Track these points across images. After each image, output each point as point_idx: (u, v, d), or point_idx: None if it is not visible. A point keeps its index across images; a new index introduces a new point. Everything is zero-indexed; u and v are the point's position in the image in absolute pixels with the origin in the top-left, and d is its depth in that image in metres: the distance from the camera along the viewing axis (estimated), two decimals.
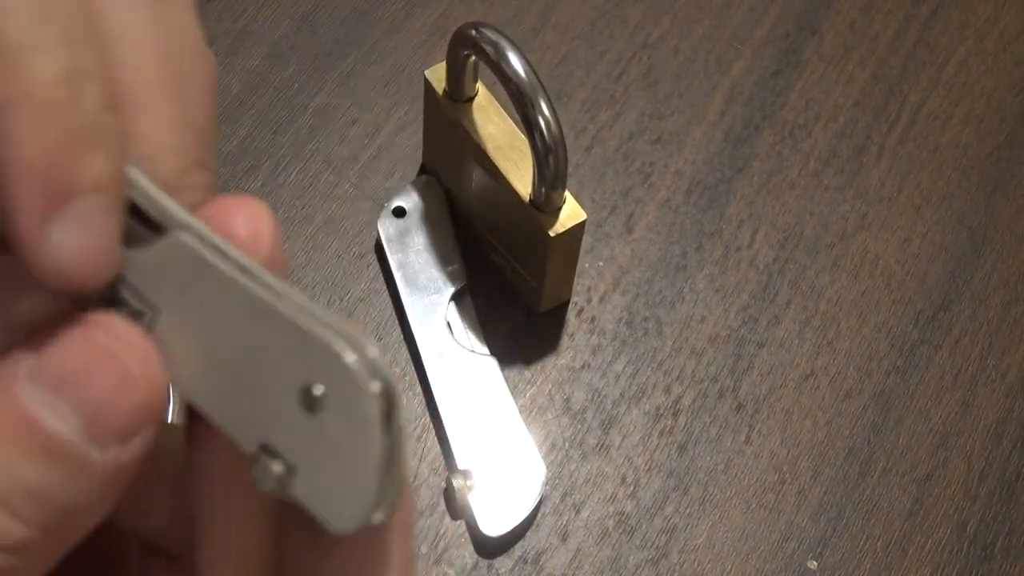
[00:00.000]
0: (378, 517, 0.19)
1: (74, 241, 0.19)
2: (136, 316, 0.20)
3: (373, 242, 0.44)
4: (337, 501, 0.19)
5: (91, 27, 0.20)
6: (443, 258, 0.43)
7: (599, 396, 0.42)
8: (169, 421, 0.25)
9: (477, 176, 0.41)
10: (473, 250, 0.44)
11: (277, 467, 0.19)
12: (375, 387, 0.18)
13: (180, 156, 0.21)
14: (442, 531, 0.39)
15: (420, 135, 0.45)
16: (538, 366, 0.42)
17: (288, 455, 0.19)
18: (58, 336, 0.19)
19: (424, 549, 0.39)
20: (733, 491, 0.41)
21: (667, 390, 0.42)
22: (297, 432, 0.19)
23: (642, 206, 0.46)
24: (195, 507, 0.22)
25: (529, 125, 0.37)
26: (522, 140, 0.39)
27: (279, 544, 0.22)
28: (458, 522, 0.39)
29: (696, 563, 0.39)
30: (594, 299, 0.44)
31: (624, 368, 0.42)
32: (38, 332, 0.20)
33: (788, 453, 0.41)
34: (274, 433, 0.20)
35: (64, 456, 0.19)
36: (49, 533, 0.19)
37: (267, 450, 0.20)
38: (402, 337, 0.42)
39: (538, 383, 0.42)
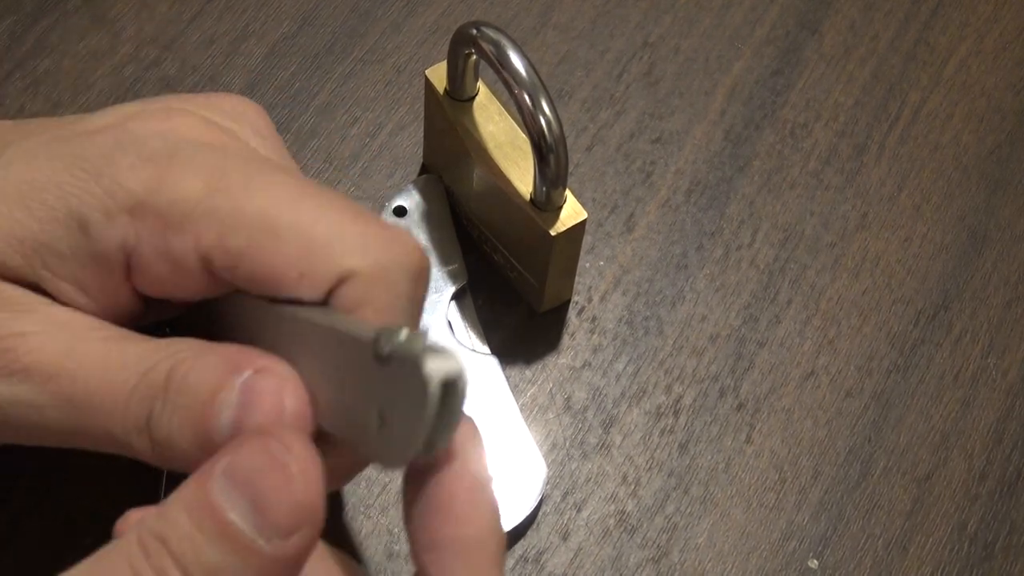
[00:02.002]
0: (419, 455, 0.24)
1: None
2: None
3: None
4: (412, 442, 0.24)
5: None
6: (444, 257, 0.43)
7: (600, 395, 0.42)
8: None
9: (478, 175, 0.41)
10: (474, 249, 0.44)
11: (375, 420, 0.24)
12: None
13: None
14: None
15: (421, 134, 0.45)
16: (539, 365, 0.42)
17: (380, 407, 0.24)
18: (246, 441, 0.24)
19: None
20: (734, 490, 0.41)
21: (668, 389, 0.42)
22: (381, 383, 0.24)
23: (643, 205, 0.46)
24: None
25: (530, 124, 0.37)
26: (523, 139, 0.39)
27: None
28: None
29: (697, 562, 0.39)
30: (595, 298, 0.44)
31: (625, 367, 0.42)
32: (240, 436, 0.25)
33: (789, 452, 0.41)
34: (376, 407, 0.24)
35: (237, 542, 0.23)
36: None
37: (382, 419, 0.24)
38: None
39: (539, 382, 0.42)
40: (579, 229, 0.39)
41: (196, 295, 0.29)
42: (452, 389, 0.23)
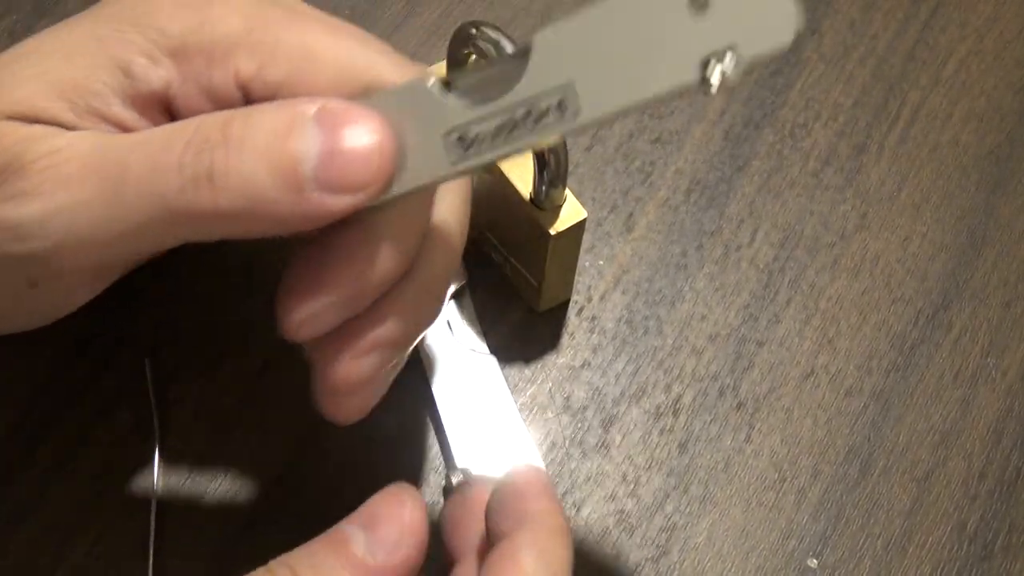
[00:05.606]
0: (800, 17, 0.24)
1: None
2: (560, 106, 0.25)
3: None
4: (771, 27, 0.24)
5: None
6: None
7: (599, 395, 0.42)
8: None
9: (477, 174, 0.41)
10: (473, 248, 0.44)
11: (727, 60, 0.24)
12: None
13: None
14: None
15: None
16: (538, 365, 0.42)
17: (721, 46, 0.24)
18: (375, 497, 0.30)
19: None
20: (733, 489, 0.41)
21: (667, 389, 0.42)
22: (706, 31, 0.24)
23: (642, 205, 0.46)
24: None
25: None
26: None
27: None
28: None
29: (697, 561, 0.39)
30: (594, 298, 0.44)
31: (624, 367, 0.42)
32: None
33: (788, 452, 0.41)
34: (698, 45, 0.24)
35: (351, 558, 0.28)
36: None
37: (704, 65, 0.24)
38: None
39: (538, 382, 0.42)
40: (578, 228, 0.39)
41: None
42: None
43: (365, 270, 0.29)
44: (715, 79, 0.24)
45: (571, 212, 0.39)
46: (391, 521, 0.28)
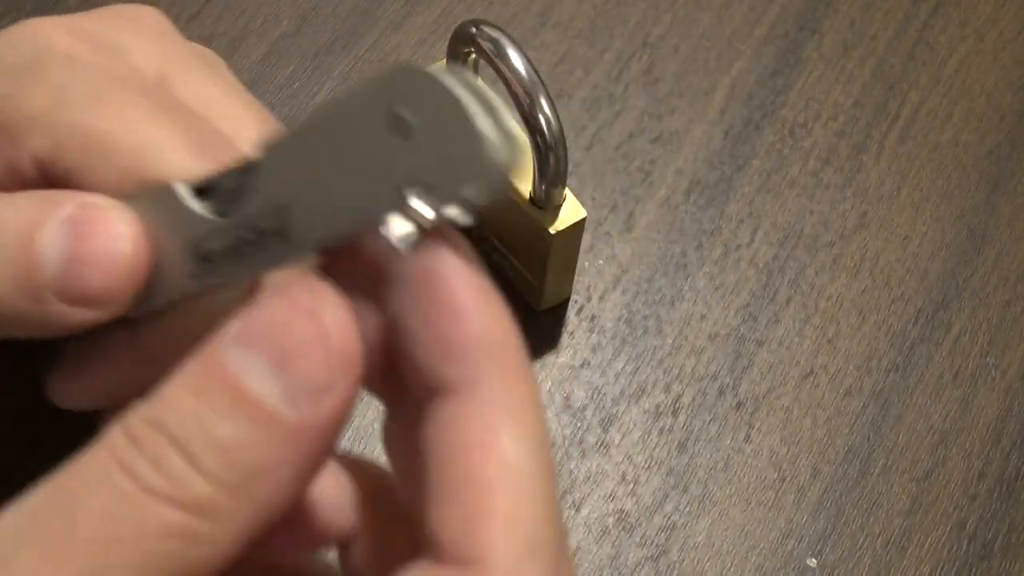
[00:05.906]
0: (508, 159, 0.20)
1: None
2: (280, 233, 0.22)
3: None
4: (472, 165, 0.20)
5: None
6: None
7: (599, 394, 0.42)
8: None
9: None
10: (472, 248, 0.44)
11: (420, 203, 0.20)
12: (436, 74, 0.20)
13: None
14: None
15: None
16: (538, 364, 0.42)
17: (415, 182, 0.20)
18: (262, 299, 0.20)
19: None
20: (733, 489, 0.41)
21: (667, 388, 0.42)
22: (408, 160, 0.20)
23: (642, 204, 0.46)
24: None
25: (529, 123, 0.37)
26: (522, 138, 0.40)
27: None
28: None
29: (696, 561, 0.39)
30: (594, 297, 0.44)
31: (624, 366, 0.42)
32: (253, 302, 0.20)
33: (788, 451, 0.41)
34: (393, 175, 0.20)
35: (255, 410, 0.19)
36: (235, 496, 0.19)
37: (402, 201, 0.20)
38: None
39: (538, 381, 0.42)
40: (578, 228, 0.39)
41: None
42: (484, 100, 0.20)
43: (113, 373, 0.27)
44: (406, 225, 0.20)
45: (571, 211, 0.39)
46: (312, 349, 0.19)
